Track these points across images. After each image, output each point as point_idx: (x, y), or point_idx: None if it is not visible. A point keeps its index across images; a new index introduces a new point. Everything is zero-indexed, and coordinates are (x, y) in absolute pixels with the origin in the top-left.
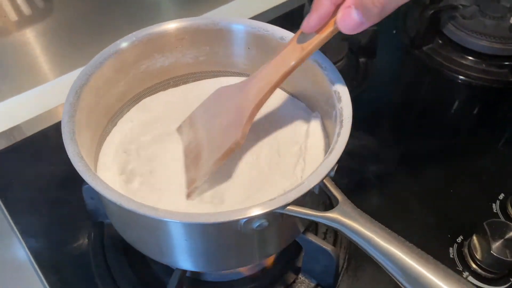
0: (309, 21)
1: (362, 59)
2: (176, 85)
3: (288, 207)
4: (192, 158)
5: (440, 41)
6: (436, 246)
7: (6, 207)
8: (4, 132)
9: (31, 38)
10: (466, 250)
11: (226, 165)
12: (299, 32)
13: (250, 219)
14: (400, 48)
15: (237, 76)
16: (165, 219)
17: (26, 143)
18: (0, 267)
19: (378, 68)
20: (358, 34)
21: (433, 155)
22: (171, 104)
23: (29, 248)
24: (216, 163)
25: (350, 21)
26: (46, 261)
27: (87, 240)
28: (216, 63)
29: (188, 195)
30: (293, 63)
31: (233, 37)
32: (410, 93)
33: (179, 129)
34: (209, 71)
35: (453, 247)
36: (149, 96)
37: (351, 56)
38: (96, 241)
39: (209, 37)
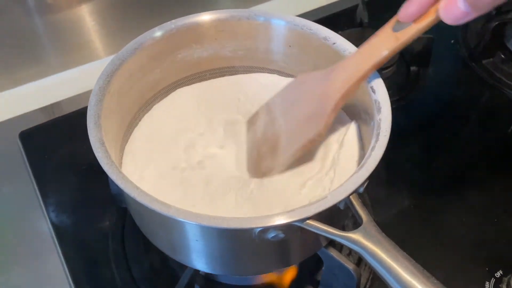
0: (408, 9)
1: (413, 68)
2: (212, 77)
3: (307, 221)
4: (268, 146)
5: (502, 56)
6: (471, 279)
7: (36, 181)
8: (45, 107)
9: (86, 14)
10: (504, 287)
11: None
12: (393, 19)
13: (265, 229)
14: (456, 60)
15: (276, 74)
16: (175, 218)
17: (64, 121)
18: (21, 237)
19: (430, 78)
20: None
21: (481, 180)
22: (205, 97)
23: (52, 223)
24: (295, 153)
25: (455, 10)
26: (66, 238)
27: (108, 223)
28: (254, 58)
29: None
30: (385, 53)
31: (274, 33)
32: (463, 109)
33: (252, 118)
34: (247, 66)
35: (490, 282)
36: (183, 86)
37: (402, 63)
38: (117, 226)
39: (249, 31)
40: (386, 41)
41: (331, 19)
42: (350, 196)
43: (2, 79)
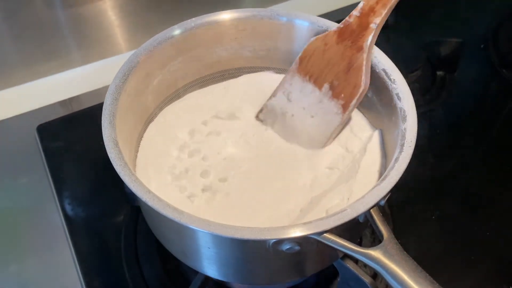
0: None
1: (440, 72)
2: (231, 77)
3: (324, 235)
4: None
5: None
6: None
7: (51, 174)
8: (64, 101)
9: (107, 8)
10: None
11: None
12: None
13: (280, 241)
14: (486, 65)
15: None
16: (188, 225)
17: (82, 115)
18: (35, 229)
19: (457, 84)
20: (439, 44)
21: (507, 195)
22: (223, 96)
23: (65, 216)
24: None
25: None
26: (78, 231)
27: (122, 219)
28: (275, 59)
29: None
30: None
31: (297, 34)
32: (491, 117)
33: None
34: (267, 67)
35: None
36: (202, 86)
37: (428, 67)
38: (130, 223)
39: (271, 31)
40: None
41: None
42: (371, 210)
43: (22, 72)
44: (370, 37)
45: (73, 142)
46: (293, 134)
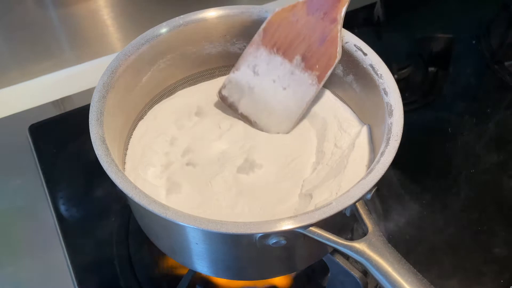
0: None
1: (432, 69)
2: (221, 75)
3: (310, 228)
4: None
5: None
6: None
7: (44, 175)
8: (56, 101)
9: (100, 7)
10: None
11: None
12: None
13: (266, 235)
14: (478, 61)
15: None
16: (173, 220)
17: (74, 115)
18: (28, 231)
19: (449, 80)
20: (430, 40)
21: (500, 187)
22: (212, 95)
23: (58, 217)
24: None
25: None
26: (71, 232)
27: (114, 219)
28: None
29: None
30: None
31: None
32: (484, 114)
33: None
34: None
35: None
36: (192, 84)
37: (420, 63)
38: (122, 223)
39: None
40: None
41: (347, 17)
42: (356, 203)
43: (14, 72)
44: (344, 9)
45: (66, 142)
46: (265, 109)
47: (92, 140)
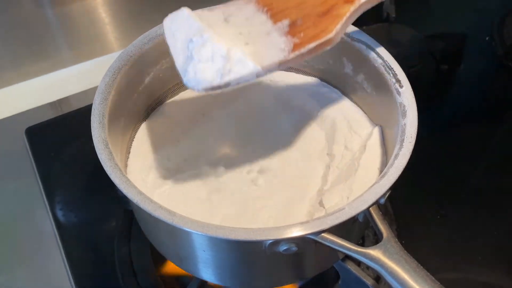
0: None
1: (443, 66)
2: None
3: (322, 234)
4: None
5: None
6: None
7: (41, 179)
8: (53, 103)
9: (97, 6)
10: None
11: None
12: None
13: (276, 242)
14: (491, 58)
15: (293, 72)
16: (180, 227)
17: (72, 117)
18: (25, 236)
19: (461, 78)
20: (442, 37)
21: None
22: (216, 95)
23: (56, 222)
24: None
25: None
26: (70, 238)
27: (115, 224)
28: None
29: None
30: None
31: None
32: (497, 113)
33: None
34: None
35: None
36: None
37: (431, 61)
38: (124, 228)
39: None
40: None
41: None
42: (370, 208)
43: (10, 73)
44: None
45: (64, 145)
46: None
47: (95, 144)
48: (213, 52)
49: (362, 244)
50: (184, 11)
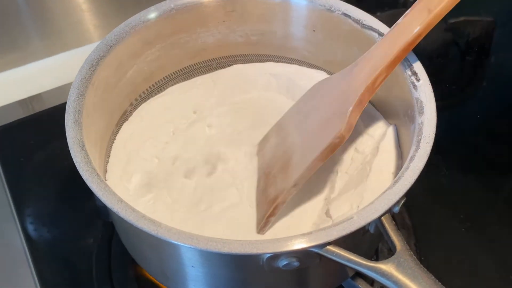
0: None
1: (469, 58)
2: (219, 68)
3: (327, 247)
4: (278, 168)
5: None
6: None
7: (9, 187)
8: (23, 101)
9: None
10: None
11: None
12: None
13: (275, 256)
14: None
15: (296, 64)
16: (166, 239)
17: (45, 116)
18: None
19: (490, 71)
20: (467, 24)
21: None
22: (209, 91)
23: (26, 238)
24: (312, 166)
25: None
26: (42, 255)
27: (93, 240)
28: (271, 45)
29: (270, 216)
30: (416, 29)
31: (293, 14)
32: None
33: (262, 142)
34: (261, 55)
35: None
36: (185, 79)
37: (456, 52)
38: (103, 243)
39: (265, 12)
40: (418, 16)
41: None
42: (382, 218)
43: None
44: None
45: (35, 149)
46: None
47: (69, 146)
48: None
49: (376, 260)
50: None
